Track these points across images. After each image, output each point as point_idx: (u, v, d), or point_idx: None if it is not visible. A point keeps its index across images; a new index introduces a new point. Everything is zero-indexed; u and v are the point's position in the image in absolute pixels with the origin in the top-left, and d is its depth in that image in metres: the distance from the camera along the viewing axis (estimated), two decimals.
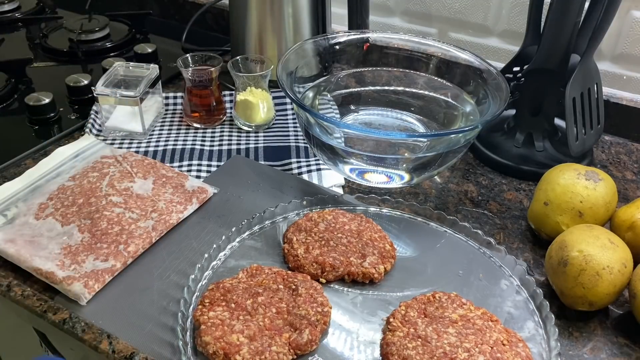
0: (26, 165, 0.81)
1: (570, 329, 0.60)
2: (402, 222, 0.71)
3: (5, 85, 0.98)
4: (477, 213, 0.75)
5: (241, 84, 0.87)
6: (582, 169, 0.68)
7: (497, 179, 0.81)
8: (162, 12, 1.31)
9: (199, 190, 0.73)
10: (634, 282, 0.59)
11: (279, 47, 0.97)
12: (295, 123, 0.90)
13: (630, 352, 0.58)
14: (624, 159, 0.87)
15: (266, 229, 0.69)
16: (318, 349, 0.56)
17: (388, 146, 0.74)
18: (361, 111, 0.88)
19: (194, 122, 0.89)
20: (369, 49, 0.87)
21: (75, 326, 0.58)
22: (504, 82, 0.73)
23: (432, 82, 0.85)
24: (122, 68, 0.87)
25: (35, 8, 1.31)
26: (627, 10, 0.87)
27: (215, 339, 0.53)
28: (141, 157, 0.78)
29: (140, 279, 0.63)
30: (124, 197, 0.70)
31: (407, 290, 0.62)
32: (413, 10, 1.05)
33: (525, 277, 0.63)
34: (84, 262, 0.62)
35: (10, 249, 0.64)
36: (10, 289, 0.62)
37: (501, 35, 0.99)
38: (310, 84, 0.85)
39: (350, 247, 0.65)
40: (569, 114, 0.75)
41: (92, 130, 0.86)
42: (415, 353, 0.53)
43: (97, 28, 1.16)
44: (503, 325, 0.57)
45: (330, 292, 0.62)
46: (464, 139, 0.71)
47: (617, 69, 0.92)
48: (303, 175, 0.79)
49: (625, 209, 0.66)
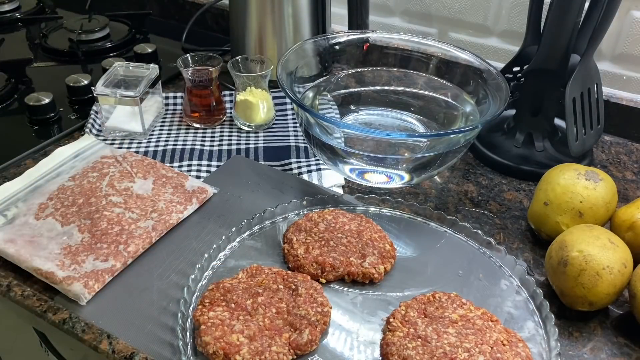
0: (26, 165, 0.81)
1: (570, 329, 0.60)
2: (402, 222, 0.71)
3: (5, 85, 0.98)
4: (477, 213, 0.75)
5: (241, 84, 0.87)
6: (582, 169, 0.68)
7: (497, 179, 0.81)
8: (162, 12, 1.31)
9: (199, 190, 0.73)
10: (634, 282, 0.59)
11: (279, 47, 0.97)
12: (295, 123, 0.90)
13: (630, 352, 0.58)
14: (624, 159, 0.87)
15: (266, 229, 0.69)
16: (318, 349, 0.56)
17: (388, 146, 0.74)
18: (361, 111, 0.88)
19: (194, 122, 0.89)
20: (369, 49, 0.87)
21: (75, 326, 0.58)
22: (504, 82, 0.73)
23: (432, 82, 0.85)
24: (122, 68, 0.87)
25: (35, 8, 1.31)
26: (627, 10, 0.87)
27: (215, 339, 0.53)
28: (141, 157, 0.78)
29: (140, 279, 0.63)
30: (124, 197, 0.70)
31: (407, 290, 0.62)
32: (413, 10, 1.05)
33: (525, 277, 0.63)
34: (84, 262, 0.62)
35: (10, 249, 0.64)
36: (10, 289, 0.62)
37: (501, 35, 0.99)
38: (310, 84, 0.85)
39: (350, 247, 0.65)
40: (569, 114, 0.75)
41: (92, 130, 0.86)
42: (415, 353, 0.53)
43: (97, 28, 1.16)
44: (503, 325, 0.57)
45: (330, 292, 0.62)
46: (464, 139, 0.71)
47: (617, 69, 0.92)
48: (303, 175, 0.79)
49: (625, 209, 0.66)
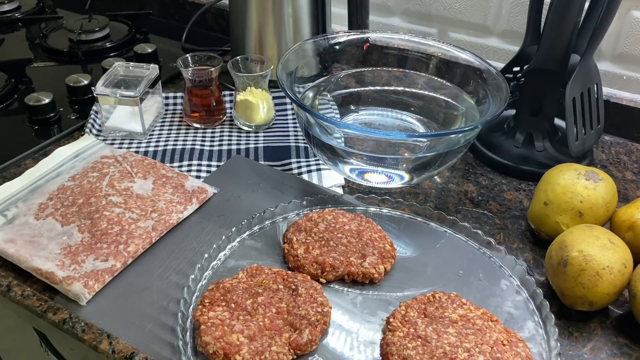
0: (26, 165, 0.81)
1: (570, 329, 0.60)
2: (402, 222, 0.71)
3: (5, 85, 0.98)
4: (477, 213, 0.75)
5: (241, 84, 0.87)
6: (582, 169, 0.67)
7: (497, 179, 0.81)
8: (162, 12, 1.31)
9: (199, 190, 0.73)
10: (634, 282, 0.59)
11: (279, 47, 0.97)
12: (295, 123, 0.90)
13: (630, 352, 0.58)
14: (624, 159, 0.86)
15: (266, 229, 0.69)
16: (318, 349, 0.56)
17: (388, 146, 0.74)
18: (361, 111, 0.88)
19: (194, 122, 0.89)
20: (369, 49, 0.87)
21: (75, 326, 0.58)
22: (504, 82, 0.73)
23: (432, 82, 0.85)
24: (122, 68, 0.87)
25: (35, 8, 1.31)
26: (627, 10, 0.87)
27: (215, 339, 0.53)
28: (141, 157, 0.78)
29: (140, 279, 0.63)
30: (124, 197, 0.70)
31: (407, 290, 0.62)
32: (413, 10, 1.05)
33: (525, 277, 0.63)
34: (83, 262, 0.62)
35: (10, 249, 0.63)
36: (10, 289, 0.62)
37: (501, 35, 0.99)
38: (310, 84, 0.85)
39: (350, 247, 0.65)
40: (569, 114, 0.75)
41: (92, 130, 0.86)
42: (415, 353, 0.53)
43: (97, 28, 1.16)
44: (503, 325, 0.57)
45: (330, 292, 0.62)
46: (464, 139, 0.71)
47: (617, 69, 0.92)
48: (303, 175, 0.79)
49: (625, 209, 0.66)
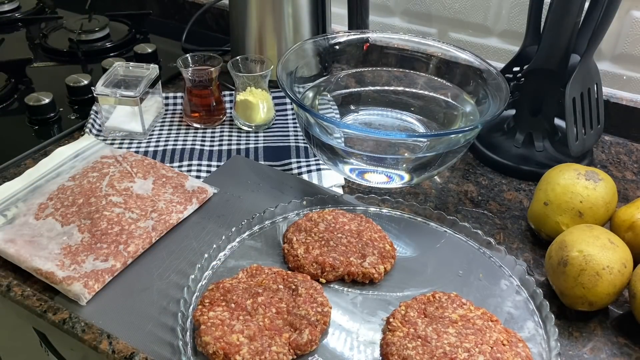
0: (26, 165, 0.81)
1: (570, 329, 0.60)
2: (402, 222, 0.71)
3: (5, 85, 0.98)
4: (477, 213, 0.75)
5: (241, 84, 0.87)
6: (582, 169, 0.67)
7: (497, 179, 0.81)
8: (162, 12, 1.31)
9: (199, 190, 0.73)
10: (634, 282, 0.59)
11: (279, 47, 0.97)
12: (295, 123, 0.90)
13: (630, 352, 0.58)
14: (624, 159, 0.86)
15: (266, 229, 0.69)
16: (318, 349, 0.56)
17: (388, 146, 0.74)
18: (361, 111, 0.88)
19: (194, 122, 0.89)
20: (369, 49, 0.87)
21: (75, 326, 0.58)
22: (504, 82, 0.73)
23: (432, 82, 0.85)
24: (122, 68, 0.87)
25: (35, 8, 1.31)
26: (627, 10, 0.87)
27: (215, 339, 0.53)
28: (141, 157, 0.78)
29: (140, 279, 0.63)
30: (123, 197, 0.70)
31: (407, 290, 0.62)
32: (413, 10, 1.05)
33: (525, 277, 0.63)
34: (83, 262, 0.62)
35: (10, 249, 0.63)
36: (10, 289, 0.62)
37: (501, 35, 0.99)
38: (310, 84, 0.85)
39: (350, 247, 0.65)
40: (569, 114, 0.75)
41: (92, 130, 0.86)
42: (415, 353, 0.53)
43: (97, 28, 1.16)
44: (503, 325, 0.57)
45: (330, 292, 0.62)
46: (464, 139, 0.71)
47: (617, 69, 0.92)
48: (303, 175, 0.79)
49: (625, 209, 0.66)
